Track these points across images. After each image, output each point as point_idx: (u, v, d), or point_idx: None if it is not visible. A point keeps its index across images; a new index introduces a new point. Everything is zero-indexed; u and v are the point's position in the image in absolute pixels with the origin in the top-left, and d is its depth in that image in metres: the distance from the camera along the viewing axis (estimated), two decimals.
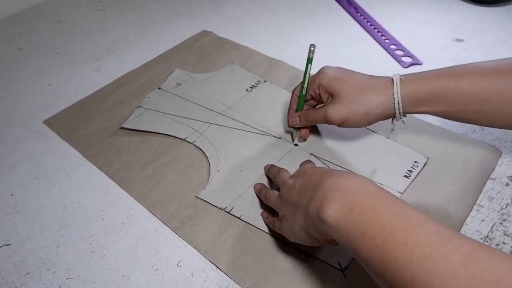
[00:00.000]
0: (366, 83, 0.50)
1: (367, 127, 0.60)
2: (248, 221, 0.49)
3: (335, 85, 0.51)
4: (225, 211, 0.50)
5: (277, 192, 0.47)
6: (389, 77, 0.49)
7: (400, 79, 0.48)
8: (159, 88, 0.69)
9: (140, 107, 0.65)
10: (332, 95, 0.52)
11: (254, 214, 0.50)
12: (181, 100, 0.66)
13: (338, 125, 0.51)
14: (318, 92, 0.53)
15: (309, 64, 0.54)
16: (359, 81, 0.50)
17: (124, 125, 0.62)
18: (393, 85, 0.48)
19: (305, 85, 0.54)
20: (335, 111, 0.51)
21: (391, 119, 0.51)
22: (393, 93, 0.48)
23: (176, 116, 0.63)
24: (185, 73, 0.72)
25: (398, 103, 0.48)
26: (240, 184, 0.53)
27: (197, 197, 0.52)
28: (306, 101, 0.56)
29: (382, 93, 0.48)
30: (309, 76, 0.54)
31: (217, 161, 0.56)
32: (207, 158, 0.57)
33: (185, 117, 0.63)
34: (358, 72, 0.52)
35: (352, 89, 0.50)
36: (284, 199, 0.44)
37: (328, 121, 0.52)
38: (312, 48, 0.54)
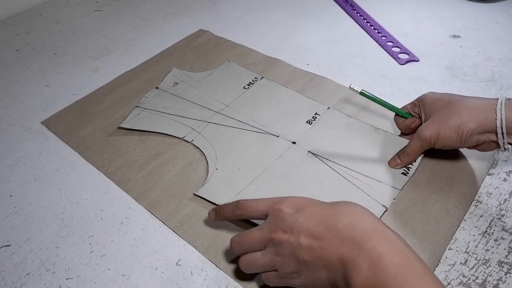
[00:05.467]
0: (466, 102, 0.48)
1: (368, 123, 0.60)
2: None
3: (436, 106, 0.50)
4: None
5: (259, 254, 0.40)
6: (493, 98, 0.47)
7: (507, 99, 0.46)
8: (157, 88, 0.69)
9: (138, 107, 0.65)
10: (430, 116, 0.50)
11: None
12: (178, 99, 0.66)
13: (432, 144, 0.50)
14: (419, 113, 0.53)
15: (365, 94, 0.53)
16: (459, 101, 0.49)
17: (122, 125, 0.62)
18: (497, 103, 0.46)
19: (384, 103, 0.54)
20: (427, 126, 0.49)
21: (495, 151, 0.49)
22: (495, 110, 0.45)
23: (174, 116, 0.63)
24: (183, 72, 0.72)
25: (501, 120, 0.45)
26: (238, 183, 0.53)
27: (195, 194, 0.52)
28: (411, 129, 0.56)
29: (480, 109, 0.46)
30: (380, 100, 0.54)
31: (215, 159, 0.56)
32: (205, 156, 0.57)
33: (183, 116, 0.63)
34: (464, 96, 0.50)
35: (449, 108, 0.48)
36: (284, 255, 0.38)
37: (422, 140, 0.50)
38: (351, 86, 0.52)
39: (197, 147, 0.58)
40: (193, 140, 0.59)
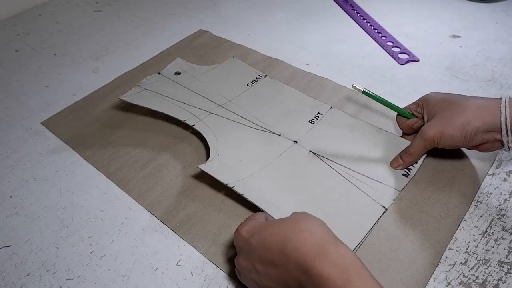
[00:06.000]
0: (470, 101, 0.48)
1: (370, 123, 0.60)
2: (251, 200, 0.47)
3: (440, 106, 0.50)
4: (227, 186, 0.49)
5: (239, 271, 0.42)
6: (497, 98, 0.48)
7: (511, 98, 0.46)
8: (159, 73, 0.68)
9: (138, 86, 0.64)
10: (434, 116, 0.50)
11: (257, 194, 0.49)
12: (180, 87, 0.65)
13: (436, 143, 0.49)
14: (422, 113, 0.53)
15: (369, 94, 0.53)
16: (463, 101, 0.49)
17: (122, 97, 0.61)
18: (501, 102, 0.46)
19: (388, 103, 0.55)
20: (431, 125, 0.49)
21: (499, 150, 0.49)
22: (499, 107, 0.46)
23: (176, 100, 0.62)
24: (186, 63, 0.71)
25: (506, 118, 0.45)
26: (239, 172, 0.52)
27: (198, 167, 0.51)
28: (414, 128, 0.56)
29: (484, 108, 0.46)
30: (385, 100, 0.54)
31: (217, 146, 0.55)
32: (207, 142, 0.56)
33: (184, 103, 0.62)
34: (468, 96, 0.50)
35: (453, 107, 0.48)
36: (249, 279, 0.40)
37: (425, 140, 0.50)
38: (354, 85, 0.53)
39: (198, 131, 0.57)
40: (194, 125, 0.58)
